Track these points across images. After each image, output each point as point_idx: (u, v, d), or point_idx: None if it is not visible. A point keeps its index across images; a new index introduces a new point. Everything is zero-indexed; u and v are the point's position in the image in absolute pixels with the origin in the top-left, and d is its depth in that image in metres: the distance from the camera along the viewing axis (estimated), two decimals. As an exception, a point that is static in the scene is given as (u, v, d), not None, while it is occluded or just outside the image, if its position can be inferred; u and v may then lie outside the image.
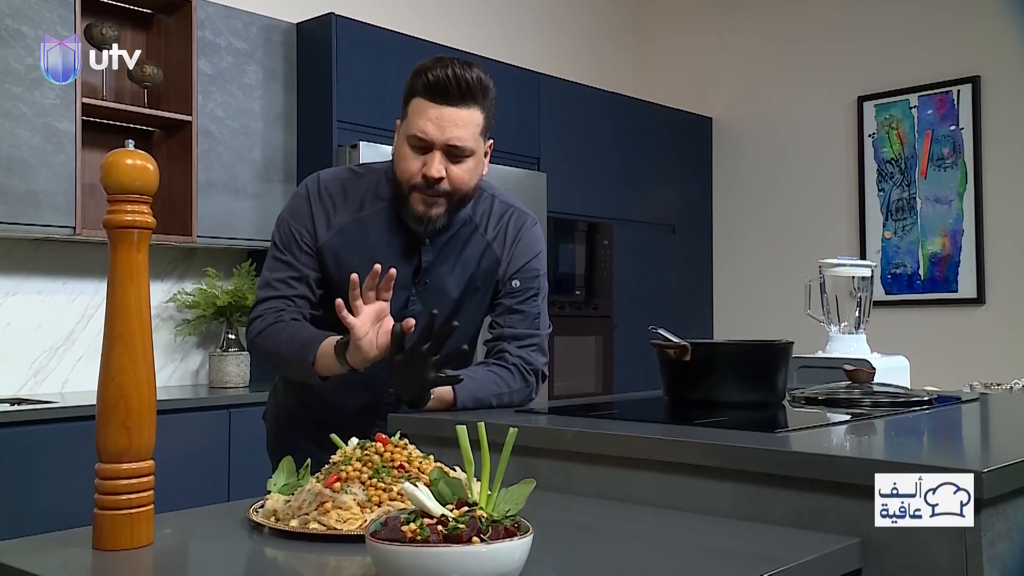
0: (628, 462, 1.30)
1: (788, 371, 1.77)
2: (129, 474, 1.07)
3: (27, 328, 3.41)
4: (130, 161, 1.08)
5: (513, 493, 0.92)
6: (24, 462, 2.83)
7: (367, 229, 1.75)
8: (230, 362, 3.65)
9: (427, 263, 1.76)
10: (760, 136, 5.40)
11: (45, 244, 3.42)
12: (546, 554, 0.99)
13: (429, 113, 1.64)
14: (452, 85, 1.62)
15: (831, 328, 2.51)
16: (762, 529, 1.14)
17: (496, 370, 1.74)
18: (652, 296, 5.03)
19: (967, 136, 4.65)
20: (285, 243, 1.76)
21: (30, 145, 3.12)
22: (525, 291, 1.80)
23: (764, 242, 5.33)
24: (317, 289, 1.76)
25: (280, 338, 1.69)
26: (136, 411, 1.07)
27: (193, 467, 3.15)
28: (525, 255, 1.81)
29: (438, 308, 1.65)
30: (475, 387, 1.68)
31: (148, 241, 1.10)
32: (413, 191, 1.68)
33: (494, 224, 1.81)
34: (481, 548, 0.82)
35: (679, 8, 5.78)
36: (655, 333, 1.76)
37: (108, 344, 1.07)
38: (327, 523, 1.10)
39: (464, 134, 1.65)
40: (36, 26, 3.14)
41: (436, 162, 1.65)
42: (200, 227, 3.52)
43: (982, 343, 4.52)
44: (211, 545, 1.15)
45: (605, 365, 4.76)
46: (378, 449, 1.19)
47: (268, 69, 3.75)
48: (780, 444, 1.24)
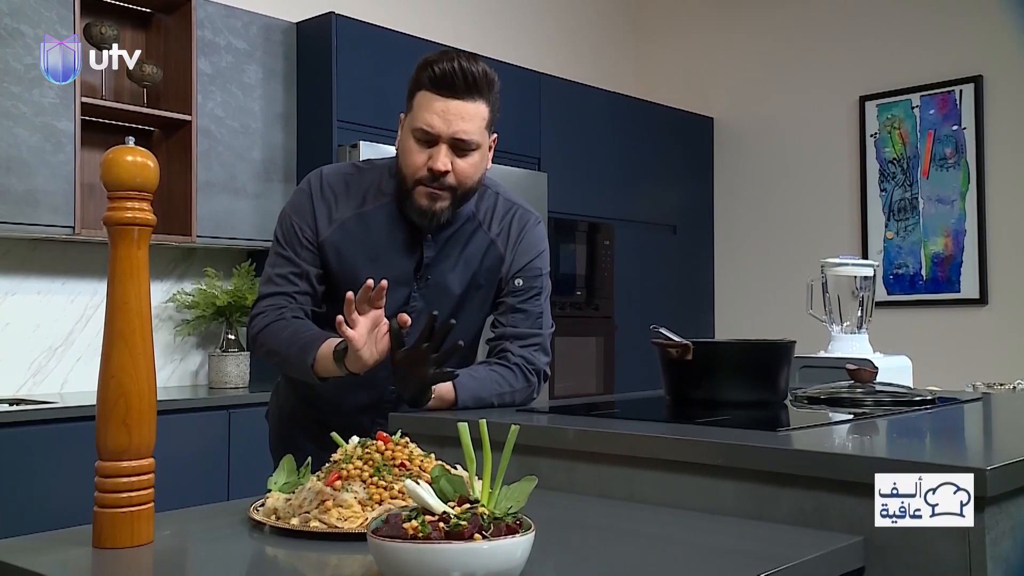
0: (631, 461, 1.30)
1: (790, 370, 1.77)
2: (129, 472, 1.07)
3: (26, 328, 3.41)
4: (130, 158, 1.08)
5: (515, 491, 0.92)
6: (23, 463, 2.83)
7: (369, 224, 1.74)
8: (230, 362, 3.65)
9: (429, 259, 1.75)
10: (761, 136, 5.40)
11: (44, 244, 3.42)
12: (548, 553, 0.99)
13: (435, 106, 1.63)
14: (459, 78, 1.62)
15: (833, 328, 2.51)
16: (765, 527, 1.14)
17: (498, 369, 1.74)
18: (653, 297, 5.04)
19: (969, 136, 4.65)
20: (287, 238, 1.75)
21: (29, 144, 3.12)
22: (528, 290, 1.80)
23: (766, 243, 5.33)
24: (319, 285, 1.76)
25: (281, 337, 1.69)
26: (136, 409, 1.07)
27: (193, 468, 3.15)
28: (528, 253, 1.81)
29: (440, 305, 1.66)
30: (476, 386, 1.69)
31: (148, 238, 1.10)
32: (418, 185, 1.68)
33: (498, 221, 1.81)
34: (483, 545, 0.82)
35: (680, 8, 5.78)
36: (657, 332, 1.76)
37: (108, 342, 1.07)
38: (328, 521, 1.10)
39: (470, 127, 1.65)
40: (35, 25, 3.14)
41: (442, 155, 1.65)
42: (200, 227, 3.52)
43: (985, 344, 4.52)
44: (211, 543, 1.15)
45: (606, 366, 4.76)
46: (379, 447, 1.19)
47: (268, 68, 3.75)
48: (783, 443, 1.24)
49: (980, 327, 4.59)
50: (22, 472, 2.83)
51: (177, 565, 1.06)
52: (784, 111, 5.30)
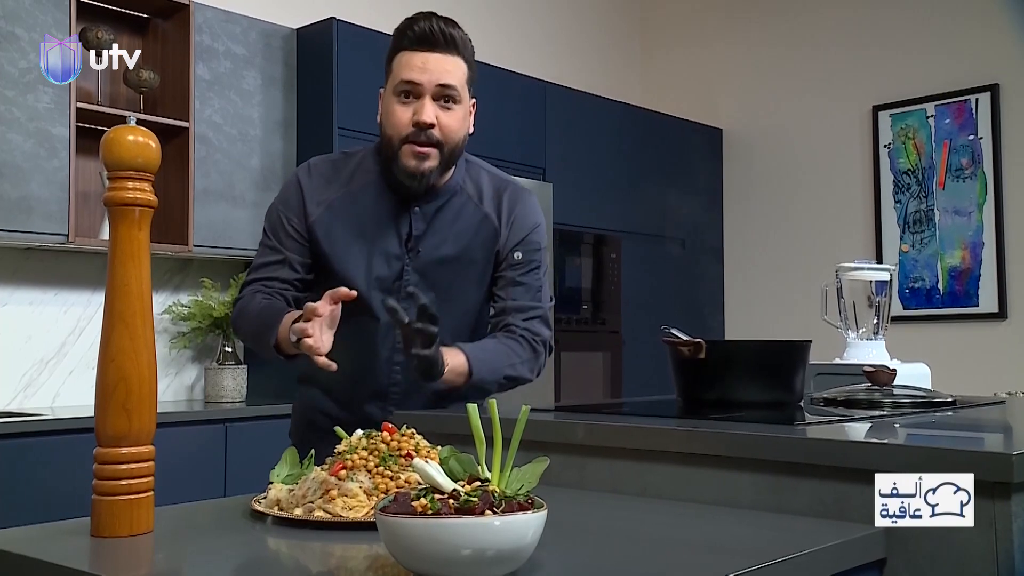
0: (643, 455, 1.30)
1: (806, 372, 1.77)
2: (128, 458, 1.07)
3: (17, 340, 3.41)
4: (132, 137, 1.09)
5: (526, 472, 0.92)
6: (13, 477, 2.83)
7: (357, 201, 1.81)
8: (226, 376, 3.65)
9: (419, 231, 1.80)
10: (772, 148, 5.42)
11: (37, 253, 3.43)
12: (559, 551, 0.98)
13: (415, 61, 1.72)
14: (437, 34, 1.73)
15: (849, 334, 2.50)
16: (783, 519, 1.14)
17: (505, 341, 1.80)
18: (661, 311, 5.02)
19: (986, 146, 4.66)
20: (272, 228, 1.84)
21: (23, 150, 3.13)
22: (527, 263, 1.85)
23: (777, 256, 5.33)
24: (304, 273, 1.82)
25: (250, 317, 1.78)
26: (136, 393, 1.07)
27: (188, 483, 3.13)
28: (525, 227, 1.86)
29: (434, 278, 1.76)
30: (489, 357, 1.74)
31: (150, 219, 1.11)
32: (404, 144, 1.73)
33: (489, 196, 1.86)
34: (495, 520, 0.82)
35: (687, 16, 5.82)
36: (667, 332, 1.76)
37: (108, 324, 1.08)
38: (332, 511, 1.10)
39: (452, 79, 1.73)
40: (30, 29, 3.17)
41: (427, 107, 1.71)
42: (197, 236, 3.53)
43: (1004, 359, 4.50)
44: (212, 533, 1.15)
45: (613, 382, 4.75)
46: (385, 438, 1.19)
47: (267, 75, 3.78)
48: (801, 433, 1.24)
49: (999, 342, 4.57)
50: (11, 487, 2.82)
51: (177, 555, 1.06)
52: (795, 121, 5.32)
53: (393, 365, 1.76)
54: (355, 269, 1.77)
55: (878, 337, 2.47)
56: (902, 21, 4.95)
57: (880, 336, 2.49)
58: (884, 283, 2.51)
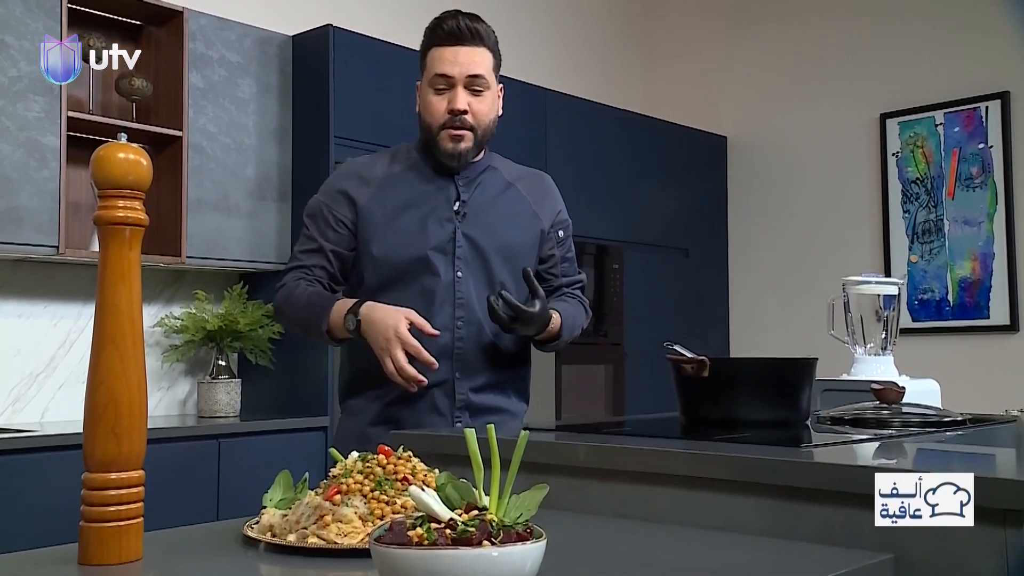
0: (647, 478, 1.30)
1: (812, 390, 1.76)
2: (118, 484, 1.06)
3: (5, 354, 3.41)
4: (122, 155, 1.09)
5: (525, 499, 0.92)
6: (1, 495, 2.82)
7: (402, 179, 2.07)
8: (220, 390, 3.64)
9: (465, 196, 2.06)
10: (777, 156, 5.42)
11: (26, 264, 3.42)
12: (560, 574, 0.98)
13: (446, 55, 2.00)
14: (464, 30, 2.00)
15: (856, 350, 2.50)
16: (789, 545, 1.13)
17: (573, 303, 2.17)
18: (665, 322, 5.02)
19: (996, 154, 4.66)
20: (312, 217, 2.06)
21: (12, 160, 3.13)
22: (567, 239, 2.23)
23: (782, 267, 5.33)
24: (337, 268, 2.04)
25: (298, 303, 2.00)
26: (126, 417, 1.06)
27: (180, 500, 3.13)
28: (556, 206, 2.22)
29: (483, 237, 2.04)
30: (567, 319, 2.08)
31: (140, 239, 1.10)
32: (442, 130, 2.01)
33: (520, 180, 2.17)
34: (492, 551, 0.81)
35: (689, 23, 5.83)
36: (670, 349, 1.76)
37: (97, 346, 1.07)
38: (327, 537, 1.09)
39: (480, 69, 2.01)
40: (20, 36, 3.17)
41: (459, 95, 1.99)
42: (190, 247, 3.52)
43: (1017, 372, 4.48)
44: (204, 560, 1.14)
45: (616, 395, 4.74)
46: (381, 461, 1.19)
47: (262, 83, 3.78)
48: (808, 457, 1.23)
49: (1011, 355, 4.56)
50: (0, 504, 2.81)
51: (167, 583, 1.06)
52: (800, 129, 5.32)
53: (456, 321, 1.99)
54: (410, 235, 2.00)
55: (886, 352, 2.47)
56: (910, 27, 4.95)
57: (888, 351, 2.48)
58: (892, 297, 2.50)
